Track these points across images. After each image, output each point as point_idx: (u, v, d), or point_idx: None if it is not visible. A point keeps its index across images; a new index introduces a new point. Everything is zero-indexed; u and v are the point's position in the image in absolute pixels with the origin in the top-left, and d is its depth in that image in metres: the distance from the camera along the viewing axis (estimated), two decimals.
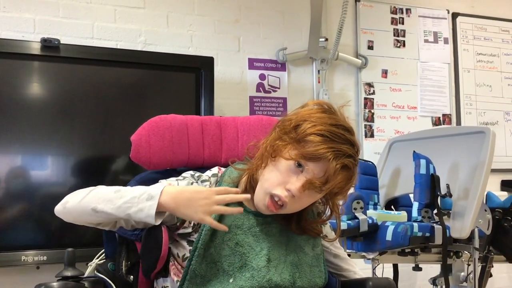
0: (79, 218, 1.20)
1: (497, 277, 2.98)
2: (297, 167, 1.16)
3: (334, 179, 1.15)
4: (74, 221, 1.21)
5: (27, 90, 2.25)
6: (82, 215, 1.18)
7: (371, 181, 2.19)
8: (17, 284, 2.20)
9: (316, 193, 1.18)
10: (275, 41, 2.86)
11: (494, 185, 3.16)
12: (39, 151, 2.25)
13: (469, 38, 3.32)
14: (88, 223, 1.20)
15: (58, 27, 2.41)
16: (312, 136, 1.14)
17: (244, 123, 1.50)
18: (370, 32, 3.07)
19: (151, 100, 2.42)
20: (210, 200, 1.12)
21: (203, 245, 1.18)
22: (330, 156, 1.13)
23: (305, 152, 1.14)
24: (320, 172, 1.15)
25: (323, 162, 1.14)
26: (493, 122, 3.30)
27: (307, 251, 1.27)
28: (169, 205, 1.13)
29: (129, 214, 1.13)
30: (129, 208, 1.13)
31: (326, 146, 1.13)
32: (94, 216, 1.16)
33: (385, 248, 1.96)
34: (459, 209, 1.98)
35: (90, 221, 1.19)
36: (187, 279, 1.18)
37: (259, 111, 2.77)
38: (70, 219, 1.21)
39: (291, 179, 1.16)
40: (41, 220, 2.21)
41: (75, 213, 1.19)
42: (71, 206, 1.20)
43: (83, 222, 1.20)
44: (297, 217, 1.27)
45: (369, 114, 3.02)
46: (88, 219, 1.18)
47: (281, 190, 1.16)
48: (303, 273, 1.24)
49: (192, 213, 1.12)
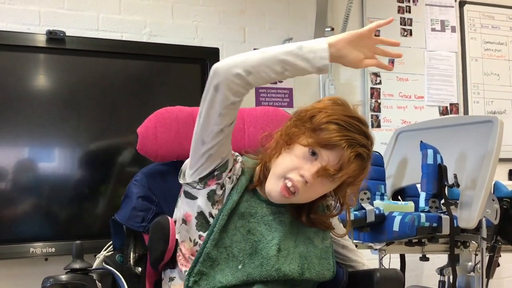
0: (256, 66, 1.13)
1: (505, 266, 2.97)
2: (311, 155, 1.17)
3: (347, 167, 1.16)
4: (236, 73, 1.12)
5: (33, 83, 2.26)
6: (261, 65, 1.13)
7: (378, 171, 2.18)
8: (25, 276, 2.22)
9: (329, 182, 1.18)
10: (281, 31, 2.85)
11: (502, 174, 3.14)
12: (46, 143, 2.26)
13: (476, 26, 3.29)
14: (251, 76, 1.13)
15: (63, 19, 2.40)
16: (328, 124, 1.16)
17: (251, 115, 1.50)
18: (376, 21, 3.04)
19: (157, 92, 2.42)
20: (366, 46, 1.22)
21: (219, 229, 1.19)
22: (344, 144, 1.15)
23: (320, 139, 1.16)
24: (334, 160, 1.16)
25: (337, 150, 1.15)
26: (501, 111, 3.27)
27: (316, 243, 1.28)
28: (336, 45, 1.15)
29: (301, 47, 1.13)
30: (303, 47, 1.13)
31: (341, 134, 1.15)
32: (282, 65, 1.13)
33: (392, 238, 1.96)
34: (466, 199, 1.97)
35: (273, 77, 1.14)
36: (200, 261, 1.19)
37: (265, 102, 2.77)
38: (233, 70, 1.12)
39: (305, 165, 1.17)
40: (49, 212, 2.23)
41: (256, 62, 1.13)
42: (255, 62, 1.13)
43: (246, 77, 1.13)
44: (307, 210, 1.27)
45: (375, 104, 3.00)
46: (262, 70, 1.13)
47: (295, 175, 1.17)
48: (312, 265, 1.25)
49: (358, 53, 1.19)
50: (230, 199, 1.22)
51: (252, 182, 1.27)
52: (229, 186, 1.23)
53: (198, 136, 1.19)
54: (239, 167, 1.26)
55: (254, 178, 1.27)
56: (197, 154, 1.21)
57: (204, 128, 1.18)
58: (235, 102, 1.15)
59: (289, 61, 1.13)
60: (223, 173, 1.22)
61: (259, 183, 1.26)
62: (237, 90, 1.13)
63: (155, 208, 1.39)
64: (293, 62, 1.13)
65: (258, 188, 1.27)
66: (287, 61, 1.13)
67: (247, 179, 1.26)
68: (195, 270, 1.18)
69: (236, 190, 1.24)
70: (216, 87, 1.13)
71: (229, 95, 1.13)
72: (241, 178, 1.26)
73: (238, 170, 1.25)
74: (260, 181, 1.26)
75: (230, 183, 1.23)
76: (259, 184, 1.27)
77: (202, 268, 1.18)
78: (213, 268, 1.19)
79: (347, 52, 1.17)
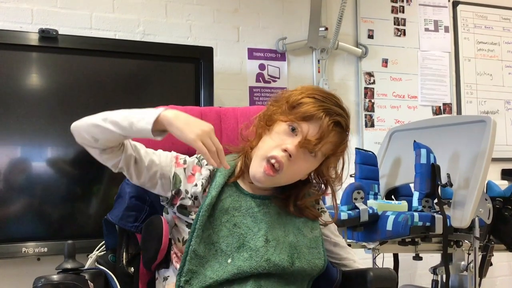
0: (88, 130, 1.18)
1: (497, 266, 2.99)
2: (291, 131, 1.21)
3: (327, 135, 1.20)
4: (81, 135, 1.20)
5: (25, 81, 2.24)
6: (91, 127, 1.17)
7: (372, 171, 2.18)
8: (17, 276, 2.20)
9: (311, 158, 1.22)
10: (275, 30, 2.84)
11: (495, 174, 3.16)
12: (38, 143, 2.24)
13: (469, 26, 3.30)
14: (92, 137, 1.18)
15: (56, 18, 2.39)
16: (304, 99, 1.22)
17: (244, 114, 1.50)
18: (370, 21, 3.05)
19: (150, 91, 2.41)
20: (208, 131, 1.14)
21: (201, 226, 1.20)
22: (322, 113, 1.19)
23: (298, 113, 1.20)
24: (314, 130, 1.19)
25: (316, 121, 1.19)
26: (493, 111, 3.29)
27: (305, 233, 1.28)
28: (169, 118, 1.13)
29: (131, 123, 1.14)
30: (133, 117, 1.15)
31: (317, 105, 1.20)
32: (101, 129, 1.16)
33: (386, 238, 1.96)
34: (459, 199, 1.98)
35: (95, 134, 1.17)
36: (188, 259, 1.19)
37: (259, 101, 2.76)
38: (79, 133, 1.20)
39: (287, 140, 1.20)
40: (41, 212, 2.21)
41: (86, 126, 1.18)
42: (87, 119, 1.20)
43: (88, 137, 1.18)
44: (294, 198, 1.29)
45: (369, 103, 3.01)
46: (94, 131, 1.17)
47: (278, 151, 1.20)
48: (302, 254, 1.25)
49: (188, 132, 1.12)
50: (208, 196, 1.23)
51: (233, 176, 1.28)
52: (199, 189, 1.24)
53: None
54: (206, 170, 1.26)
55: (236, 171, 1.28)
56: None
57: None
58: (102, 150, 1.20)
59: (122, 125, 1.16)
60: (180, 188, 1.24)
61: (241, 174, 1.28)
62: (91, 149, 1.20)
63: (148, 208, 1.39)
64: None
65: (240, 183, 1.28)
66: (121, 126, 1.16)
67: (225, 174, 1.26)
68: (184, 269, 1.18)
69: (214, 186, 1.24)
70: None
71: (92, 153, 1.21)
72: (216, 175, 1.26)
73: (205, 172, 1.26)
74: (242, 173, 1.27)
75: (200, 187, 1.24)
76: (241, 176, 1.27)
77: (191, 266, 1.18)
78: (203, 265, 1.19)
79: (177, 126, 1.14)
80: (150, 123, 1.12)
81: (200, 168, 1.27)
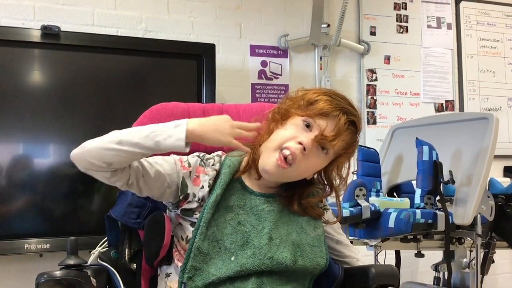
0: (98, 155, 1.13)
1: (499, 263, 2.99)
2: (306, 127, 1.22)
3: (343, 134, 1.21)
4: (89, 161, 1.14)
5: (28, 78, 2.24)
6: (102, 151, 1.13)
7: (374, 168, 2.18)
8: (20, 272, 2.21)
9: (323, 155, 1.23)
10: (277, 27, 2.84)
11: (497, 171, 3.15)
12: (40, 139, 2.25)
13: (472, 23, 3.30)
14: (104, 162, 1.13)
15: (58, 14, 2.39)
16: (320, 97, 1.23)
17: (246, 111, 1.50)
18: (372, 18, 3.04)
19: (152, 88, 2.41)
20: (232, 124, 1.20)
21: (205, 223, 1.20)
22: (339, 112, 1.21)
23: (314, 109, 1.22)
24: (330, 127, 1.21)
25: (332, 118, 1.21)
26: (496, 108, 3.28)
27: (308, 231, 1.28)
28: (196, 131, 1.16)
29: (158, 142, 1.14)
30: (158, 136, 1.14)
31: (334, 103, 1.22)
32: (116, 151, 1.12)
33: (388, 235, 1.96)
34: (462, 196, 1.97)
35: (109, 159, 1.13)
36: (191, 256, 1.19)
37: (261, 98, 2.76)
38: (85, 160, 1.15)
39: (301, 135, 1.21)
40: (44, 208, 2.22)
41: (95, 151, 1.14)
42: (91, 145, 1.15)
43: (98, 163, 1.13)
44: (298, 197, 1.29)
45: (371, 100, 3.00)
46: (107, 156, 1.13)
47: (292, 143, 1.20)
48: (305, 252, 1.25)
49: (220, 136, 1.17)
50: (213, 194, 1.22)
51: (238, 172, 1.28)
52: (206, 191, 1.24)
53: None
54: (212, 170, 1.26)
55: (241, 166, 1.28)
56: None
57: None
58: (113, 171, 1.16)
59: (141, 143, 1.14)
60: (187, 192, 1.24)
61: (247, 170, 1.28)
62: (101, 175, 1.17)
63: (150, 204, 1.39)
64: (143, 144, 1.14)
65: (246, 180, 1.28)
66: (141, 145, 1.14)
67: (231, 172, 1.26)
68: (188, 266, 1.18)
69: (219, 184, 1.24)
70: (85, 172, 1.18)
71: (100, 177, 1.17)
72: (222, 173, 1.26)
73: (212, 173, 1.26)
74: (247, 169, 1.27)
75: (206, 188, 1.24)
76: (246, 171, 1.27)
77: (195, 263, 1.18)
78: (206, 262, 1.19)
79: (208, 136, 1.17)
80: (182, 140, 1.14)
81: (203, 169, 1.26)
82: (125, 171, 1.17)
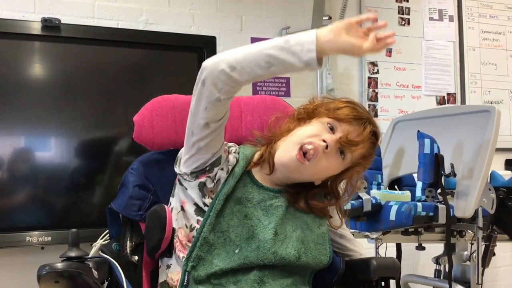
0: (250, 69, 1.10)
1: (500, 256, 2.99)
2: (330, 129, 1.22)
3: (365, 142, 1.23)
4: (249, 67, 1.11)
5: (28, 71, 2.24)
6: (261, 56, 1.10)
7: (375, 160, 2.15)
8: (22, 265, 2.21)
9: (340, 159, 1.23)
10: (278, 20, 2.83)
11: (499, 164, 3.15)
12: (42, 132, 2.24)
13: (474, 15, 3.28)
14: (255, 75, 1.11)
15: (58, 7, 2.38)
16: (347, 104, 1.25)
17: (248, 103, 1.49)
18: (374, 10, 3.02)
19: (153, 80, 2.40)
20: (357, 29, 1.10)
21: (215, 213, 1.20)
22: (365, 121, 1.23)
23: (341, 114, 1.23)
24: (354, 133, 1.22)
25: (357, 126, 1.22)
26: (498, 100, 3.27)
27: (313, 228, 1.28)
28: (328, 35, 1.08)
29: (287, 41, 1.08)
30: (290, 40, 1.08)
31: (360, 112, 1.24)
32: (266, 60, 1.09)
33: (389, 227, 1.96)
34: (463, 189, 1.97)
35: (259, 73, 1.10)
36: (197, 245, 1.19)
37: (262, 91, 2.75)
38: (247, 66, 1.11)
39: (326, 134, 1.21)
40: (45, 201, 2.22)
41: (254, 56, 1.11)
42: (240, 57, 1.12)
43: (250, 75, 1.11)
44: (305, 197, 1.28)
45: (373, 93, 3.00)
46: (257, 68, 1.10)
47: (316, 139, 1.20)
48: (308, 249, 1.25)
49: (356, 39, 1.08)
50: (226, 184, 1.23)
51: (249, 165, 1.28)
52: (224, 175, 1.24)
53: (189, 126, 1.21)
54: (233, 157, 1.27)
55: (253, 160, 1.28)
56: (188, 144, 1.23)
57: (193, 119, 1.19)
58: (221, 99, 1.14)
59: (274, 55, 1.09)
60: (215, 168, 1.23)
61: (257, 164, 1.28)
62: (222, 86, 1.13)
63: (151, 196, 1.39)
64: (278, 56, 1.09)
65: (256, 173, 1.28)
66: (272, 55, 1.09)
67: (244, 165, 1.26)
68: (193, 255, 1.19)
69: (233, 176, 1.24)
70: (203, 82, 1.14)
71: (214, 91, 1.13)
72: (237, 164, 1.26)
73: (232, 160, 1.26)
74: (259, 163, 1.26)
75: (225, 172, 1.24)
76: (257, 165, 1.27)
77: (200, 252, 1.19)
78: (210, 252, 1.20)
79: (341, 41, 1.08)
80: (313, 51, 1.06)
81: (227, 155, 1.27)
82: (223, 109, 1.17)
